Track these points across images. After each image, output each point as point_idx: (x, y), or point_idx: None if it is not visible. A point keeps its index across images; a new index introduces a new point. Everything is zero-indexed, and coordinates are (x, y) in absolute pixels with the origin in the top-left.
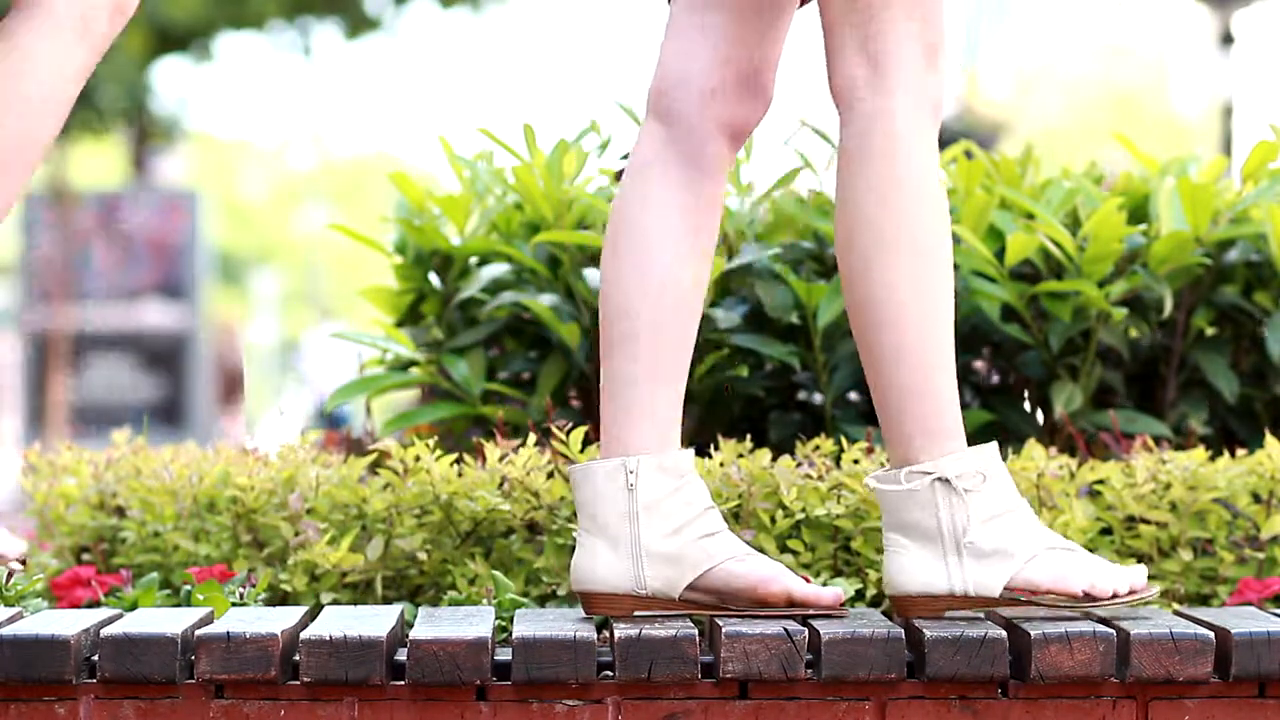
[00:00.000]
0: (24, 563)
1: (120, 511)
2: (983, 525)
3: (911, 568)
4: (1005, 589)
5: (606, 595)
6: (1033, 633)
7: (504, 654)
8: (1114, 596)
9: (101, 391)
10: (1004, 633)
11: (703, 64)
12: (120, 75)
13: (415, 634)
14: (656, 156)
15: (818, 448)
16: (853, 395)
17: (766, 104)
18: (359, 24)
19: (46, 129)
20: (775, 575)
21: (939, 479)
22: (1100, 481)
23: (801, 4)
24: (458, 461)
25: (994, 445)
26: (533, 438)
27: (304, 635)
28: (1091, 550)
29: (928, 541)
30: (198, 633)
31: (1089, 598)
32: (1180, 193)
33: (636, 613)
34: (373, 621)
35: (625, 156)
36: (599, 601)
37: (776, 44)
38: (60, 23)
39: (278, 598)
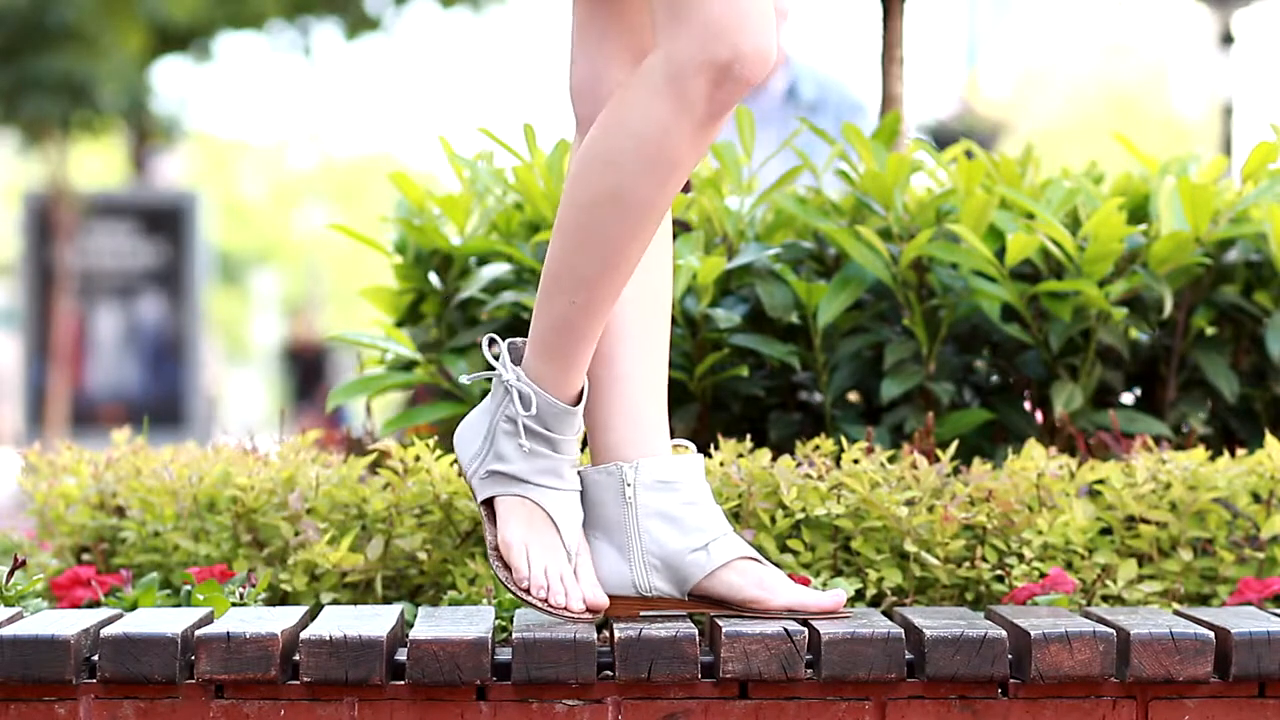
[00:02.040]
0: (23, 563)
1: (120, 511)
2: None
3: None
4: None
5: (612, 599)
6: (1033, 632)
7: (504, 654)
8: None
9: (107, 258)
10: (1004, 632)
11: (609, 58)
12: (120, 75)
13: (415, 634)
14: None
15: (818, 448)
16: (853, 395)
17: None
18: (359, 24)
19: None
20: (774, 588)
21: None
22: (1100, 481)
23: None
24: (457, 461)
25: None
26: None
27: (304, 635)
28: (1092, 550)
29: None
30: (198, 633)
31: None
32: (1180, 193)
33: (642, 613)
34: (373, 621)
35: None
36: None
37: None
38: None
39: (278, 598)
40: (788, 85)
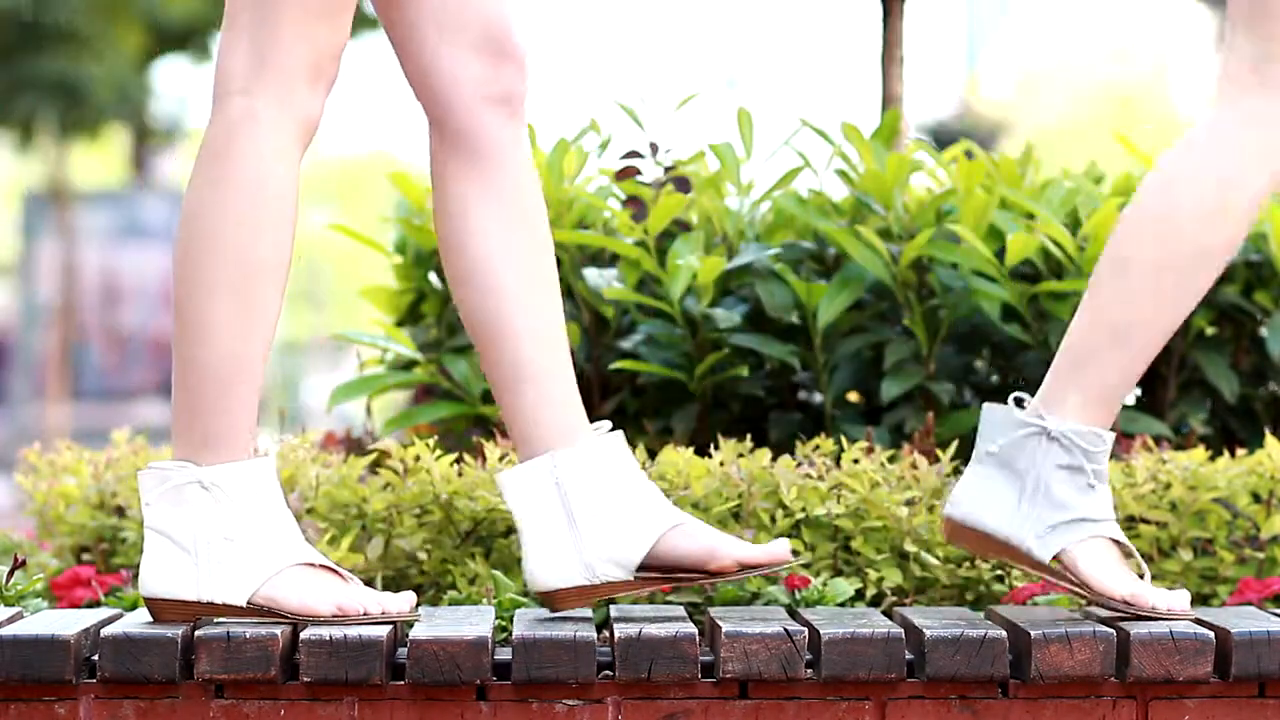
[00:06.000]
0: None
1: (120, 511)
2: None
3: (161, 568)
4: (248, 602)
5: (565, 591)
6: (1033, 632)
7: (504, 654)
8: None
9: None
10: (1004, 632)
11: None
12: (119, 75)
13: (415, 634)
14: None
15: (818, 448)
16: (853, 395)
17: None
18: (359, 24)
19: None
20: (719, 545)
21: None
22: None
23: None
24: (458, 461)
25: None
26: None
27: (304, 635)
28: None
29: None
30: (198, 633)
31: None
32: None
33: (599, 599)
34: None
35: (626, 156)
36: (560, 599)
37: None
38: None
39: None
40: None
